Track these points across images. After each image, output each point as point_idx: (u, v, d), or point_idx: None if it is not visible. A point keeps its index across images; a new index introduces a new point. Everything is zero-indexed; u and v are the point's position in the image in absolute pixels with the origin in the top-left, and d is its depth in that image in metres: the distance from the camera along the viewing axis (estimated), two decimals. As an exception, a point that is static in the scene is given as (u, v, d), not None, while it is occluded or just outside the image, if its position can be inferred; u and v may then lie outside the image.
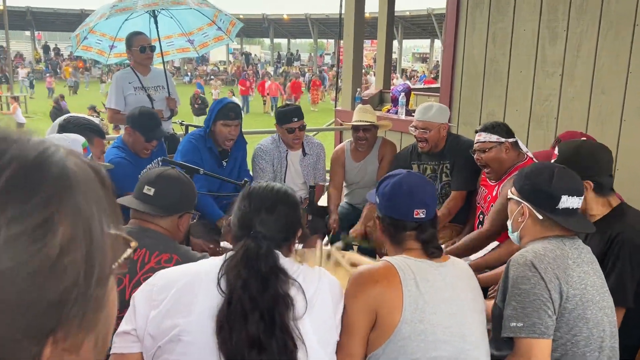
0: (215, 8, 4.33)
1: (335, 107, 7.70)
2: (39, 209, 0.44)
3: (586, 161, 2.21)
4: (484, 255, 2.98)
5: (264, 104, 24.04)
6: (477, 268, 2.85)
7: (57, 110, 12.98)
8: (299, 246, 1.93)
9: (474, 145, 3.11)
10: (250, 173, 3.88)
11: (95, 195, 0.49)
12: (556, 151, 2.39)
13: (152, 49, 4.15)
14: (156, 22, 4.23)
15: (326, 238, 4.00)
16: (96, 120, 11.01)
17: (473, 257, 3.11)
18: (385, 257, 1.80)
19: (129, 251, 0.55)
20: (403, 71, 34.13)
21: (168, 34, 4.64)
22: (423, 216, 1.75)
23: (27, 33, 43.57)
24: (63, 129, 2.58)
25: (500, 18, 4.27)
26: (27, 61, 38.68)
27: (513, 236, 2.02)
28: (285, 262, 1.54)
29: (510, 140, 3.03)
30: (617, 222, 2.16)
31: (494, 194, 3.11)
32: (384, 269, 1.70)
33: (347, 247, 3.65)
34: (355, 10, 6.09)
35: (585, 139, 2.62)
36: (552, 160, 2.34)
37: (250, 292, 1.42)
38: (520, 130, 4.11)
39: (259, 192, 1.61)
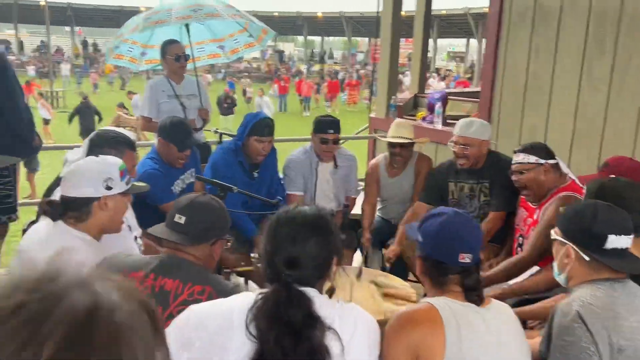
0: (248, 18, 4.30)
1: (369, 111, 7.62)
2: None
3: (610, 199, 2.08)
4: (523, 280, 2.87)
5: (301, 103, 24.05)
6: (515, 293, 2.76)
7: (85, 107, 13.07)
8: None
9: (512, 166, 3.01)
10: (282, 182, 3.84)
11: (144, 343, 0.48)
12: (584, 190, 2.33)
13: (186, 57, 4.14)
14: (188, 30, 4.22)
15: (359, 252, 3.94)
16: (127, 124, 11.13)
17: (511, 281, 3.01)
18: (426, 298, 1.74)
19: None
20: (437, 70, 33.72)
21: (199, 40, 4.63)
22: (469, 261, 1.69)
23: (67, 28, 44.56)
24: (93, 143, 2.58)
25: (544, 30, 4.11)
26: (65, 56, 39.60)
27: (560, 278, 1.92)
28: (321, 303, 1.48)
29: (551, 161, 2.92)
30: None
31: (535, 217, 3.00)
32: (427, 311, 1.64)
33: (382, 268, 3.58)
34: (392, 14, 5.93)
35: (613, 176, 2.49)
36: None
37: (283, 347, 1.36)
38: (562, 146, 3.96)
39: (285, 228, 1.52)
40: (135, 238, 2.51)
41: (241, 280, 3.63)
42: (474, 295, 1.69)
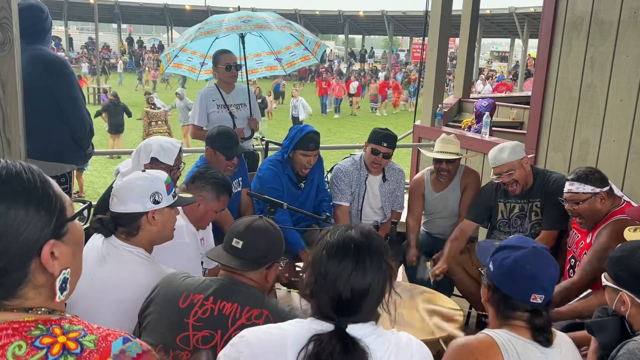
0: (300, 32, 4.33)
1: (415, 115, 7.49)
2: None
3: None
4: (575, 303, 2.81)
5: (351, 105, 23.79)
6: (569, 316, 2.71)
7: (114, 104, 13.20)
8: None
9: (565, 194, 2.92)
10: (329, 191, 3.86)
11: None
12: None
13: (238, 67, 4.19)
14: (243, 43, 4.27)
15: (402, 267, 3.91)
16: (158, 119, 11.67)
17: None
18: (486, 330, 1.69)
19: None
20: (481, 71, 33.11)
21: (257, 52, 4.72)
22: (540, 302, 1.62)
23: (114, 25, 45.60)
24: (201, 175, 2.71)
25: (601, 42, 3.98)
26: (112, 52, 40.53)
27: None
28: (376, 341, 1.43)
29: (606, 188, 2.82)
30: None
31: (588, 240, 2.92)
32: (486, 345, 1.61)
33: (427, 280, 3.55)
34: (441, 15, 5.82)
35: None
36: None
37: None
38: (617, 163, 3.84)
39: (332, 265, 1.40)
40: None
41: (284, 289, 3.65)
42: (542, 336, 1.63)
